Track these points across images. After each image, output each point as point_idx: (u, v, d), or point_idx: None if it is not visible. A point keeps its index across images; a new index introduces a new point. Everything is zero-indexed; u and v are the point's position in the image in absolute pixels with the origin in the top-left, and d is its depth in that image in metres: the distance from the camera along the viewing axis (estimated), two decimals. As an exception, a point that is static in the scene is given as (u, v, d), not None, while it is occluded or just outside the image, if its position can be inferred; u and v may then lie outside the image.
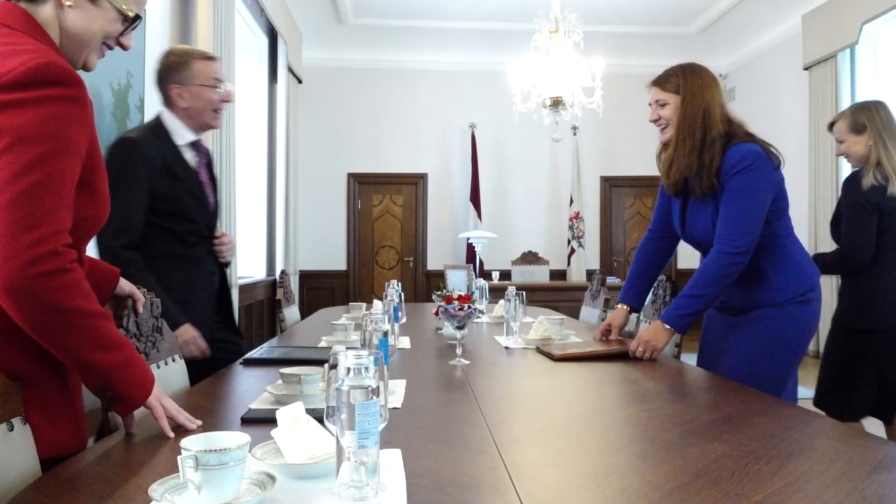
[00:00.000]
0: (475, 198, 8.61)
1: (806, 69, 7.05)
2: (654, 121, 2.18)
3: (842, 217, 2.66)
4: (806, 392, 5.20)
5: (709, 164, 2.03)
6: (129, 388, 1.21)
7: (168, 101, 2.25)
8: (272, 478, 0.97)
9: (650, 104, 2.19)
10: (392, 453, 1.13)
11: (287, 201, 7.13)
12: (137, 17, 1.30)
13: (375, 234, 8.96)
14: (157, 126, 2.25)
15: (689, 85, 2.11)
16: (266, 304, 6.46)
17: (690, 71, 2.15)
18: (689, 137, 2.07)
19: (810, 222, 6.89)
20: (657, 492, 0.98)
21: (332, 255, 8.75)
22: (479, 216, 8.57)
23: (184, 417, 1.30)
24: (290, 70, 7.24)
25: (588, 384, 1.88)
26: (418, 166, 8.91)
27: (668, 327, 2.07)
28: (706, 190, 2.06)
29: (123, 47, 1.32)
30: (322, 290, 8.61)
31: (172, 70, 2.23)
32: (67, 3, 1.21)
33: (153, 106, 3.97)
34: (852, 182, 2.64)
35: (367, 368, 0.92)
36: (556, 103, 5.91)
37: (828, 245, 6.64)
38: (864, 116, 2.65)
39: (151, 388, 1.24)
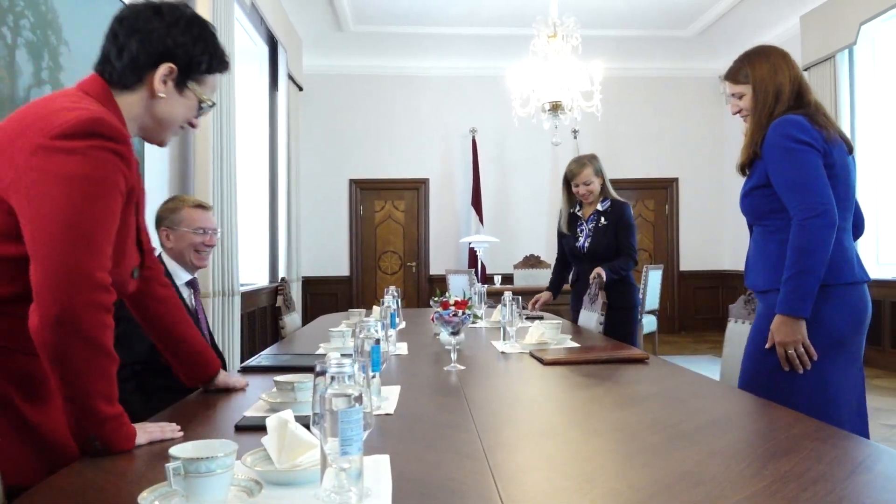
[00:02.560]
0: (477, 202, 8.64)
1: (805, 70, 7.05)
2: (736, 113, 2.17)
3: (619, 234, 3.64)
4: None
5: (759, 140, 2.02)
6: (118, 443, 1.22)
7: (161, 243, 2.44)
8: (259, 484, 0.99)
9: (728, 98, 2.18)
10: (381, 459, 1.15)
11: (289, 208, 7.16)
12: (212, 104, 1.46)
13: (378, 240, 8.99)
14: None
15: (757, 72, 2.08)
16: (269, 310, 6.50)
17: (756, 56, 2.11)
18: (760, 124, 2.06)
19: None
20: (639, 494, 1.00)
21: (334, 262, 8.78)
22: (481, 221, 8.59)
23: (168, 432, 1.32)
24: (291, 78, 7.29)
25: (579, 388, 1.90)
26: (420, 172, 8.94)
27: (790, 316, 1.86)
28: (751, 163, 2.07)
29: (193, 126, 1.48)
30: (325, 297, 8.64)
31: (165, 214, 2.44)
32: (160, 94, 1.35)
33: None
34: (627, 210, 3.70)
35: (349, 376, 0.94)
36: (556, 108, 5.93)
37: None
38: (598, 164, 3.74)
39: (134, 441, 1.25)
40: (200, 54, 1.39)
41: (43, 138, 1.18)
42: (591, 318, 3.77)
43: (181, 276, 2.45)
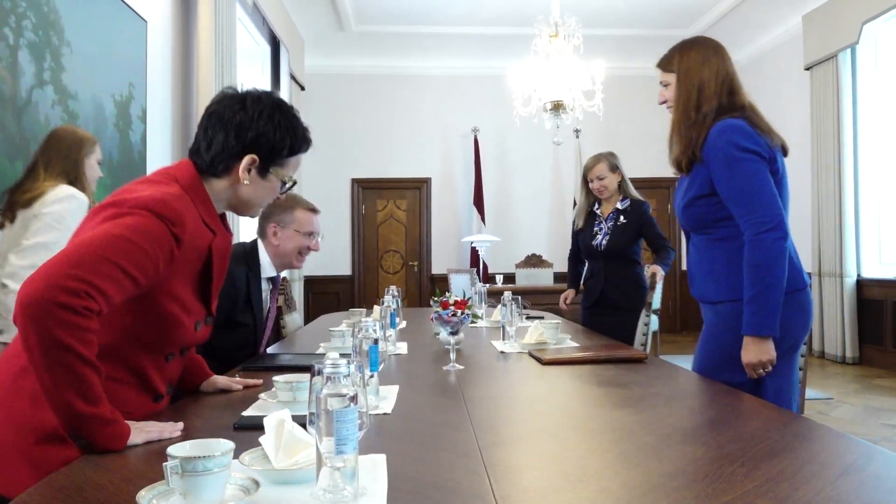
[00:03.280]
0: (478, 202, 8.65)
1: (807, 69, 7.06)
2: (662, 103, 2.12)
3: (647, 232, 3.65)
4: (813, 393, 5.20)
5: (695, 140, 1.96)
6: (103, 441, 1.23)
7: (263, 234, 2.49)
8: (257, 483, 1.00)
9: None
10: (377, 458, 1.16)
11: (291, 207, 7.18)
12: (293, 182, 1.59)
13: (380, 239, 9.01)
14: (252, 255, 2.47)
15: (683, 62, 2.03)
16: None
17: (687, 47, 2.06)
18: (686, 117, 2.00)
19: (813, 221, 6.89)
20: (631, 493, 1.01)
21: (336, 261, 8.80)
22: (483, 220, 8.61)
23: (167, 431, 1.33)
24: (293, 77, 7.31)
25: (577, 388, 1.91)
26: (421, 171, 8.96)
27: (759, 336, 1.82)
28: (689, 166, 2.00)
29: (278, 199, 1.62)
30: (327, 296, 8.67)
31: (277, 210, 2.45)
32: (245, 182, 1.49)
33: (155, 116, 4.03)
34: (647, 208, 3.68)
35: (344, 376, 0.95)
36: (557, 107, 5.95)
37: (830, 241, 6.64)
38: (615, 160, 3.66)
39: (126, 441, 1.26)
40: (280, 140, 1.50)
41: (116, 209, 1.33)
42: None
43: (267, 271, 2.50)
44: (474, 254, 8.36)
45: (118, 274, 1.27)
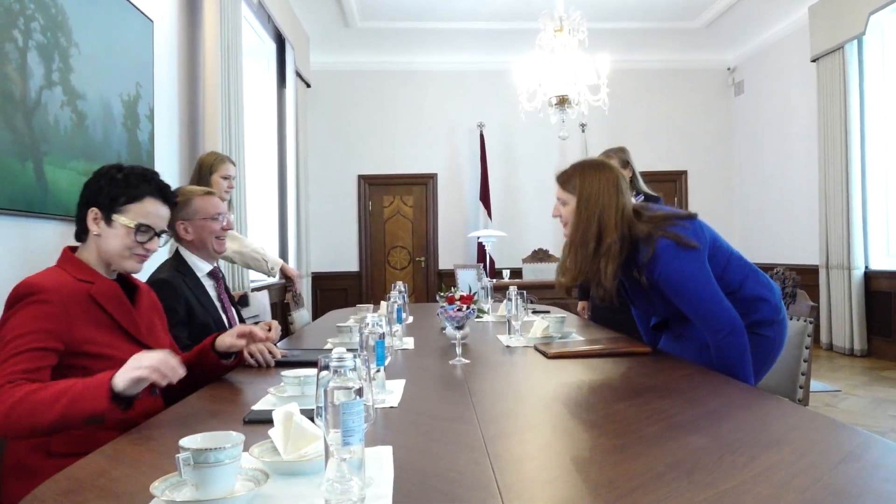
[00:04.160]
0: (485, 197, 8.66)
1: (814, 61, 7.02)
2: (556, 216, 2.15)
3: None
4: (821, 386, 5.19)
5: (604, 270, 2.01)
6: (92, 399, 1.40)
7: (178, 238, 2.48)
8: (266, 474, 1.03)
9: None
10: (384, 450, 1.19)
11: (298, 204, 7.22)
12: (143, 226, 1.74)
13: (387, 235, 9.03)
14: (179, 261, 2.47)
15: (585, 187, 2.05)
16: (279, 306, 6.56)
17: (590, 170, 2.09)
18: (583, 245, 2.04)
19: (821, 213, 6.87)
20: (630, 482, 1.03)
21: (344, 257, 8.84)
22: (489, 215, 8.62)
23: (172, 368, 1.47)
24: (299, 74, 7.33)
25: (581, 381, 1.93)
26: (428, 167, 8.97)
27: None
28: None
29: (148, 251, 1.77)
30: (335, 292, 8.70)
31: (178, 210, 2.43)
32: (95, 233, 1.73)
33: (162, 115, 4.06)
34: (661, 203, 3.34)
35: (350, 370, 0.98)
36: (562, 102, 5.94)
37: (838, 233, 6.62)
38: (624, 156, 3.48)
39: (107, 384, 1.41)
40: (111, 191, 1.73)
41: (4, 313, 1.63)
42: None
43: (201, 268, 2.47)
44: (481, 249, 8.37)
45: (29, 358, 1.50)
